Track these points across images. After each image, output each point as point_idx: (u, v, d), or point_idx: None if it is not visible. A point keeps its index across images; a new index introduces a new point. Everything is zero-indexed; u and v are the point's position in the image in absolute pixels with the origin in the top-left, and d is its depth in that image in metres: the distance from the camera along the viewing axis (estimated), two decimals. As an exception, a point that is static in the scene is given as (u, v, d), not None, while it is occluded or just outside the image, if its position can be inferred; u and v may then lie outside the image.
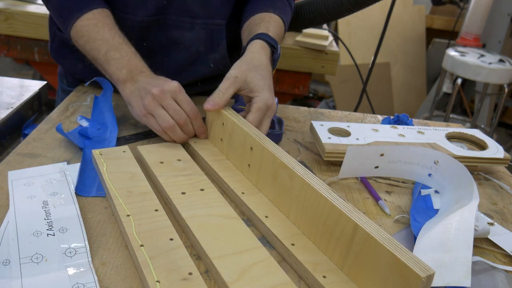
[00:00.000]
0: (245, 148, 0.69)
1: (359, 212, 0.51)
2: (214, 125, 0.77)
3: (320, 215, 0.55)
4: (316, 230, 0.56)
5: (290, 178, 0.59)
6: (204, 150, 0.75)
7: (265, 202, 0.64)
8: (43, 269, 0.49)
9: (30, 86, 0.86)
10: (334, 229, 0.53)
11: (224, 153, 0.75)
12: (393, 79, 3.17)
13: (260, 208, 0.62)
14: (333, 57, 1.66)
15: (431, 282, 0.44)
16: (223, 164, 0.72)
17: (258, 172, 0.66)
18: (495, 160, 0.82)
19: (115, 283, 0.50)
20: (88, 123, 0.78)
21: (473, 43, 2.69)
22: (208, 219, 0.59)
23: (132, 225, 0.56)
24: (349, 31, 3.05)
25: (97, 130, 0.77)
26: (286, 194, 0.61)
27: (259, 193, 0.66)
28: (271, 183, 0.63)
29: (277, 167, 0.62)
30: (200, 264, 0.54)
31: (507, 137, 3.24)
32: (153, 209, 0.59)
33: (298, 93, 1.78)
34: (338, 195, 0.54)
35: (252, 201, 0.64)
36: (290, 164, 0.60)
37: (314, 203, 0.56)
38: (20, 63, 2.05)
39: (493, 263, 0.60)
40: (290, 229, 0.59)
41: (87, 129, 0.77)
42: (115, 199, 0.60)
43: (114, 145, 0.76)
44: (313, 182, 0.56)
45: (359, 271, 0.50)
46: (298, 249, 0.55)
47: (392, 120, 0.95)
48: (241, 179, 0.69)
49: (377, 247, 0.47)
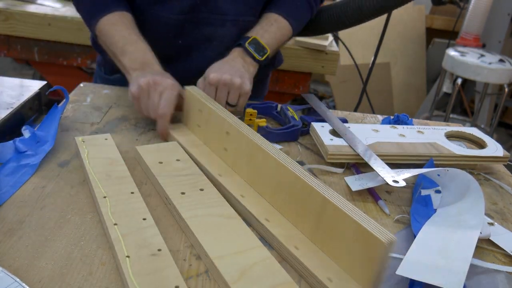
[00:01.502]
0: (221, 133, 0.72)
1: (328, 188, 0.55)
2: (192, 112, 0.81)
3: (293, 192, 0.58)
4: (289, 206, 0.60)
5: (265, 159, 0.63)
6: (182, 137, 0.79)
7: (242, 183, 0.67)
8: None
9: (30, 86, 0.86)
10: (305, 204, 0.57)
11: (202, 139, 0.78)
12: (393, 79, 3.17)
13: (237, 189, 0.66)
14: (333, 57, 1.66)
15: (391, 249, 0.47)
16: (201, 149, 0.76)
17: (234, 155, 0.70)
18: (495, 159, 0.82)
19: (115, 282, 0.50)
20: (30, 134, 0.74)
21: (473, 43, 2.69)
22: (209, 219, 0.59)
23: (108, 205, 0.59)
24: (349, 31, 3.03)
25: (35, 143, 0.73)
26: (261, 175, 0.64)
27: (235, 175, 0.69)
28: (247, 165, 0.67)
29: (252, 149, 0.65)
30: (200, 264, 0.54)
31: (507, 137, 3.24)
32: (129, 192, 0.63)
33: (298, 93, 1.78)
34: (309, 173, 0.58)
35: (228, 182, 0.67)
36: (264, 146, 0.63)
37: (287, 182, 0.59)
38: (20, 63, 2.05)
39: (493, 264, 0.60)
40: (265, 207, 0.62)
41: (24, 141, 0.72)
42: (93, 182, 0.64)
43: (39, 160, 0.70)
44: (286, 162, 0.60)
45: (328, 242, 0.54)
46: (273, 224, 0.59)
47: (392, 120, 0.95)
48: (219, 163, 0.72)
49: (344, 218, 0.51)
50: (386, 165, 0.72)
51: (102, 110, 0.90)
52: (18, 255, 0.52)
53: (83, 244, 0.55)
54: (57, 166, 0.70)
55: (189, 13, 0.93)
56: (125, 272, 0.49)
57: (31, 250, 0.53)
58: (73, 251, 0.54)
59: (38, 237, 0.55)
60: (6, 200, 0.61)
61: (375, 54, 1.41)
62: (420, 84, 3.27)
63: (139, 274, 0.49)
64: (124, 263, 0.50)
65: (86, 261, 0.52)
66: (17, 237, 0.55)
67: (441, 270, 0.53)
